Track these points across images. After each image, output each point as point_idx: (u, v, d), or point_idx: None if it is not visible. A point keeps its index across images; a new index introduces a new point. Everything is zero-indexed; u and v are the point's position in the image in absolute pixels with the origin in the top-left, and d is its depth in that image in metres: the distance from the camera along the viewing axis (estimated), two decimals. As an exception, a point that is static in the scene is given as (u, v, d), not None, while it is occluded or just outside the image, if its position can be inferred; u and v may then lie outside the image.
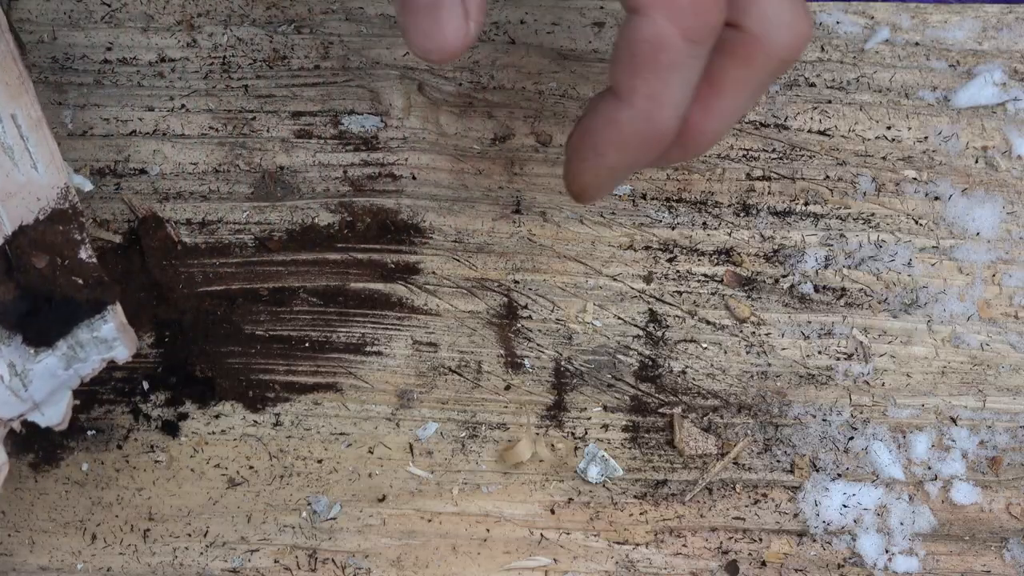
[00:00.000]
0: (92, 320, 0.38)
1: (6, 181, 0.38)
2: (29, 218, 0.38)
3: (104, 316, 0.39)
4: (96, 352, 0.39)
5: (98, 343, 0.39)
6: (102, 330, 0.39)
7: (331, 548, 0.46)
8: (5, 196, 0.37)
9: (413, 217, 0.49)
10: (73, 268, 0.38)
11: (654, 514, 0.47)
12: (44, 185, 0.38)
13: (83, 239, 0.38)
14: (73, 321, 0.38)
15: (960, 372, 0.48)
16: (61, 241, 0.38)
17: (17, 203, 0.38)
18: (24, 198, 0.38)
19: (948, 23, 0.51)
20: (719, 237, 0.49)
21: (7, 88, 0.38)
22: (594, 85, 0.50)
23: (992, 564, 0.47)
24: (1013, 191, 0.50)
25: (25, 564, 0.46)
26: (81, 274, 0.38)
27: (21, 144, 0.38)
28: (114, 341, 0.39)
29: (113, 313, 0.39)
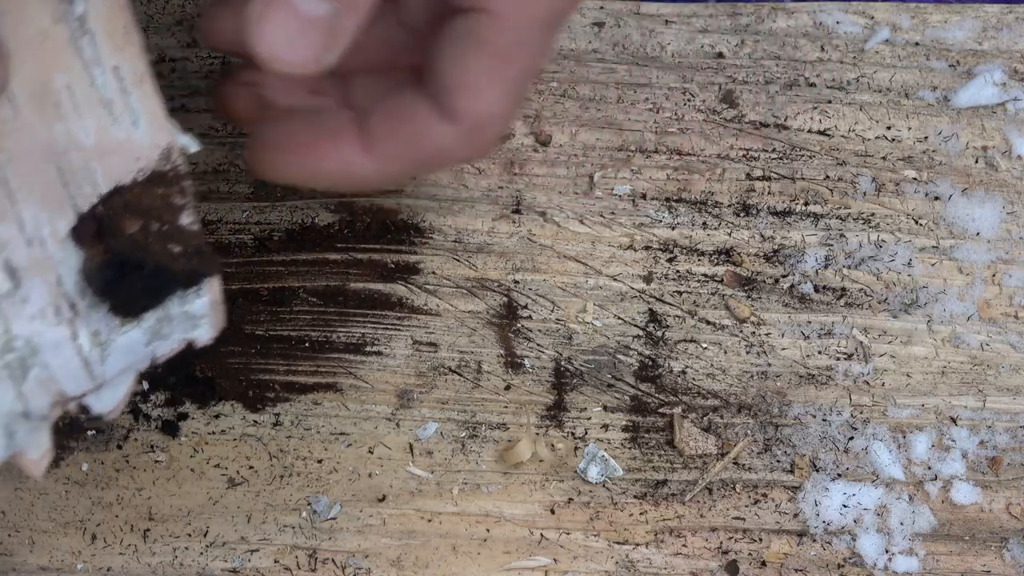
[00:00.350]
0: (186, 293, 0.36)
1: (103, 137, 0.34)
2: (126, 179, 0.35)
3: (199, 290, 0.36)
4: (181, 329, 0.37)
5: (186, 319, 0.37)
6: (195, 304, 0.36)
7: (331, 548, 0.46)
8: (101, 153, 0.34)
9: (413, 217, 0.49)
10: (171, 235, 0.35)
11: (654, 514, 0.47)
12: (145, 144, 0.35)
13: (185, 204, 0.35)
14: (165, 292, 0.35)
15: (960, 372, 0.48)
16: (159, 205, 0.35)
17: (114, 162, 0.35)
18: (122, 157, 0.35)
19: (948, 23, 0.51)
20: (719, 237, 0.49)
21: (111, 39, 0.34)
22: (594, 85, 0.50)
23: (992, 564, 0.47)
24: (1013, 191, 0.50)
25: (25, 564, 0.46)
26: (179, 241, 0.35)
27: (122, 99, 0.35)
28: (202, 319, 0.37)
29: (209, 287, 0.36)
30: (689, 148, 0.50)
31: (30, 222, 0.34)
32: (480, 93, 0.35)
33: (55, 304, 0.34)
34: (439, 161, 0.37)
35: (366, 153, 0.37)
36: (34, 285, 0.34)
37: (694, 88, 0.51)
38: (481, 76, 0.35)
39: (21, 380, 0.34)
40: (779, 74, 0.51)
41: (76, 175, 0.34)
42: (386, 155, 0.37)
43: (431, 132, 0.36)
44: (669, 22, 0.52)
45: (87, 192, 0.34)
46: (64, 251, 0.34)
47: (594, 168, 0.50)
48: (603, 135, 0.50)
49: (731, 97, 0.51)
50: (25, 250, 0.34)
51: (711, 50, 0.51)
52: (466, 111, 0.35)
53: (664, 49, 0.51)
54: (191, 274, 0.35)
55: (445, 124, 0.36)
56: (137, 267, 0.35)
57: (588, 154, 0.50)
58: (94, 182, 0.34)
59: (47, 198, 0.34)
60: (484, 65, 0.35)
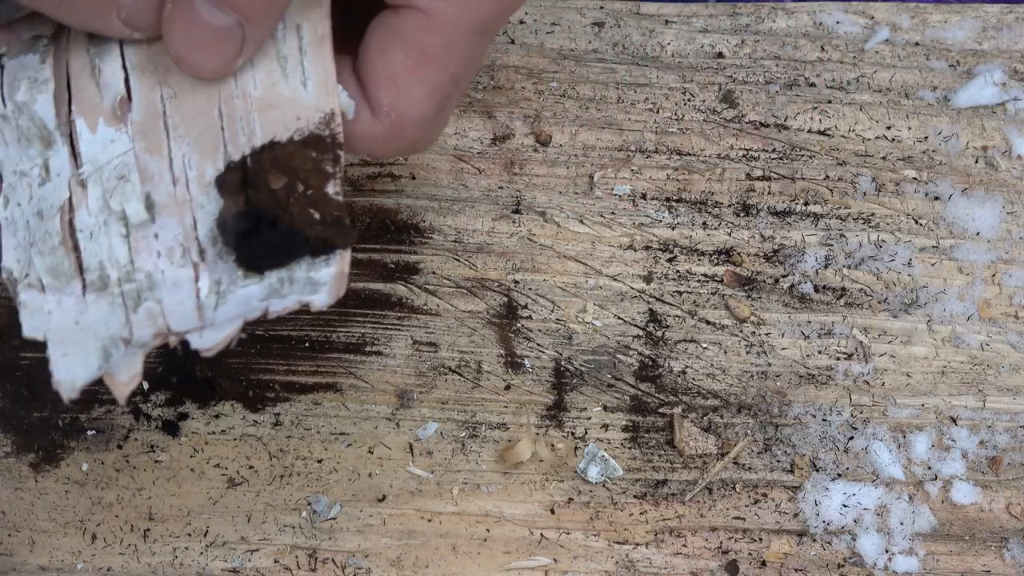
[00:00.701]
0: (315, 260, 0.35)
1: (270, 91, 0.35)
2: (283, 135, 0.34)
3: (328, 259, 0.35)
4: (300, 292, 0.36)
5: (308, 283, 0.35)
6: (320, 272, 0.35)
7: (331, 548, 0.46)
8: (264, 106, 0.34)
9: (413, 217, 0.49)
10: (314, 200, 0.34)
11: (654, 514, 0.47)
12: (308, 105, 0.35)
13: (335, 172, 0.35)
14: (294, 255, 0.35)
15: (960, 372, 0.48)
16: (309, 167, 0.34)
17: (275, 116, 0.35)
18: (284, 113, 0.35)
19: (948, 23, 0.51)
20: (719, 237, 0.49)
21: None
22: (594, 85, 0.50)
23: (992, 564, 0.47)
24: (1013, 191, 0.50)
25: (25, 564, 0.46)
26: (321, 208, 0.34)
27: (297, 57, 0.35)
28: (323, 286, 0.36)
29: (340, 259, 0.35)
30: (689, 148, 0.50)
31: (179, 160, 0.34)
32: (404, 90, 0.35)
33: (184, 246, 0.34)
34: (358, 149, 0.36)
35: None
36: (168, 223, 0.34)
37: (694, 88, 0.51)
38: (406, 73, 0.34)
39: (132, 310, 0.34)
40: (779, 74, 0.51)
41: (235, 123, 0.34)
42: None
43: (359, 122, 0.35)
44: (669, 22, 0.52)
45: (241, 141, 0.34)
46: (206, 196, 0.34)
47: (594, 168, 0.50)
48: (603, 135, 0.50)
49: (731, 97, 0.51)
50: (169, 187, 0.34)
51: (711, 50, 0.51)
52: (389, 106, 0.35)
53: (664, 49, 0.51)
54: (325, 242, 0.35)
55: (368, 114, 0.35)
56: (272, 224, 0.34)
57: (588, 154, 0.50)
58: (251, 133, 0.34)
59: (202, 140, 0.34)
60: (411, 62, 0.34)
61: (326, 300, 0.36)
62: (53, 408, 0.47)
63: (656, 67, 0.51)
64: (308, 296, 0.35)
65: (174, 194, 0.34)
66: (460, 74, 0.35)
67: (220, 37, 0.33)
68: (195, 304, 0.35)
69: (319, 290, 0.35)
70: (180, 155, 0.34)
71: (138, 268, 0.34)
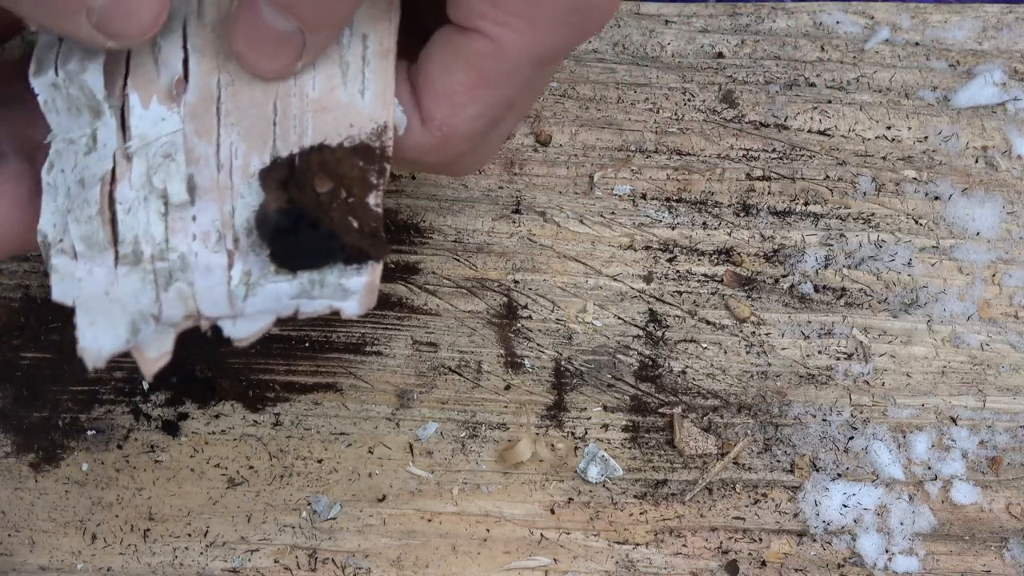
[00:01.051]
0: (347, 267, 0.35)
1: (327, 95, 0.35)
2: (334, 140, 0.35)
3: (360, 269, 0.35)
4: (331, 296, 0.36)
5: (339, 290, 0.36)
6: (351, 281, 0.35)
7: (331, 548, 0.46)
8: (320, 108, 0.35)
9: (413, 217, 0.49)
10: (355, 209, 0.35)
11: (654, 514, 0.47)
12: (363, 115, 0.35)
13: (378, 185, 0.35)
14: (328, 259, 0.35)
15: (960, 372, 0.48)
16: (355, 176, 0.35)
17: (328, 120, 0.35)
18: (338, 118, 0.35)
19: (948, 23, 0.51)
20: (719, 237, 0.49)
21: (371, 8, 0.35)
22: (594, 85, 0.50)
23: (992, 564, 0.47)
24: (1013, 191, 0.50)
25: (25, 564, 0.46)
26: (360, 218, 0.35)
27: (359, 65, 0.35)
28: (353, 295, 0.36)
29: (371, 271, 0.36)
30: (689, 148, 0.50)
31: (227, 148, 0.34)
32: (459, 108, 0.35)
33: (220, 232, 0.34)
34: (404, 157, 0.37)
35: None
36: (207, 207, 0.34)
37: (694, 88, 0.51)
38: (464, 92, 0.35)
39: (163, 288, 0.34)
40: (779, 74, 0.51)
41: (288, 120, 0.34)
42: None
43: (410, 133, 0.36)
44: (669, 22, 0.52)
45: (292, 140, 0.34)
46: (247, 187, 0.34)
47: (594, 168, 0.50)
48: (603, 135, 0.50)
49: (731, 97, 0.51)
50: (213, 173, 0.34)
51: (711, 50, 0.51)
52: (442, 120, 0.35)
53: (664, 49, 0.51)
54: (359, 252, 0.35)
55: (418, 124, 0.36)
56: (312, 226, 0.34)
57: (588, 154, 0.50)
58: (302, 132, 0.35)
59: (252, 132, 0.34)
60: (470, 83, 0.35)
61: (356, 309, 0.36)
62: (53, 408, 0.47)
63: (656, 67, 0.51)
64: (338, 303, 0.36)
65: (217, 180, 0.34)
66: (517, 100, 0.35)
67: (281, 42, 0.33)
68: (226, 291, 0.35)
69: (349, 298, 0.36)
70: (228, 142, 0.34)
71: (172, 248, 0.34)
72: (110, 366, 0.47)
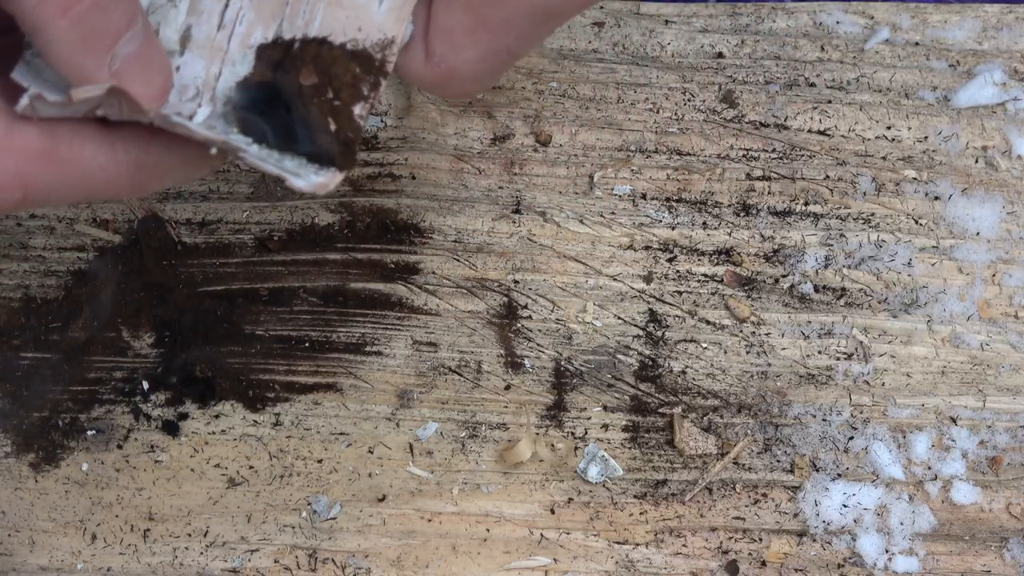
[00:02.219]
0: (307, 163, 0.34)
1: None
2: (338, 38, 0.34)
3: (320, 171, 0.34)
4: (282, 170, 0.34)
5: (292, 171, 0.34)
6: (307, 174, 0.34)
7: (331, 548, 0.46)
8: (334, 2, 0.34)
9: (413, 217, 0.49)
10: (338, 112, 0.34)
11: (654, 514, 0.47)
12: (374, 22, 0.34)
13: (368, 97, 0.34)
14: (292, 145, 0.34)
15: (960, 372, 0.48)
16: (347, 80, 0.34)
17: (339, 16, 0.34)
18: (348, 17, 0.34)
19: (948, 23, 0.51)
20: (719, 237, 0.49)
21: None
22: (594, 85, 0.50)
23: (992, 564, 0.47)
24: (1013, 191, 0.50)
25: (25, 564, 0.46)
26: (339, 122, 0.34)
27: None
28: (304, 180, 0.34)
29: (331, 176, 0.34)
30: (689, 148, 0.50)
31: (234, 11, 0.34)
32: (458, 48, 0.35)
33: (199, 89, 0.34)
34: (407, 79, 0.37)
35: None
36: (194, 62, 0.34)
37: (694, 88, 0.51)
38: (463, 33, 0.35)
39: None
40: (779, 74, 0.51)
41: (300, 5, 0.34)
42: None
43: (414, 57, 0.36)
44: (669, 22, 0.52)
45: (298, 24, 0.34)
46: (242, 56, 0.34)
47: (594, 168, 0.50)
48: (603, 135, 0.50)
49: (731, 97, 0.51)
50: (212, 31, 0.34)
51: (711, 50, 0.51)
52: (441, 57, 0.36)
53: (664, 49, 0.51)
54: (326, 155, 0.34)
55: (422, 55, 0.36)
56: (286, 109, 0.34)
57: (588, 154, 0.50)
58: (309, 20, 0.34)
59: (263, 5, 0.34)
60: (469, 25, 0.35)
61: (302, 186, 0.34)
62: (53, 408, 0.47)
63: (656, 67, 0.51)
64: (288, 176, 0.34)
65: (213, 39, 0.34)
66: (516, 47, 0.36)
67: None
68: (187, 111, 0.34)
69: (300, 179, 0.34)
70: (238, 7, 0.34)
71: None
72: (110, 366, 0.47)
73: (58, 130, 0.33)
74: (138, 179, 0.35)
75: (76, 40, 0.33)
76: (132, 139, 0.34)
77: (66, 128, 0.34)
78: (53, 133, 0.33)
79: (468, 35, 0.35)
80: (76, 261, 0.48)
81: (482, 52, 0.36)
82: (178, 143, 0.35)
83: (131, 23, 0.33)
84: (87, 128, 0.34)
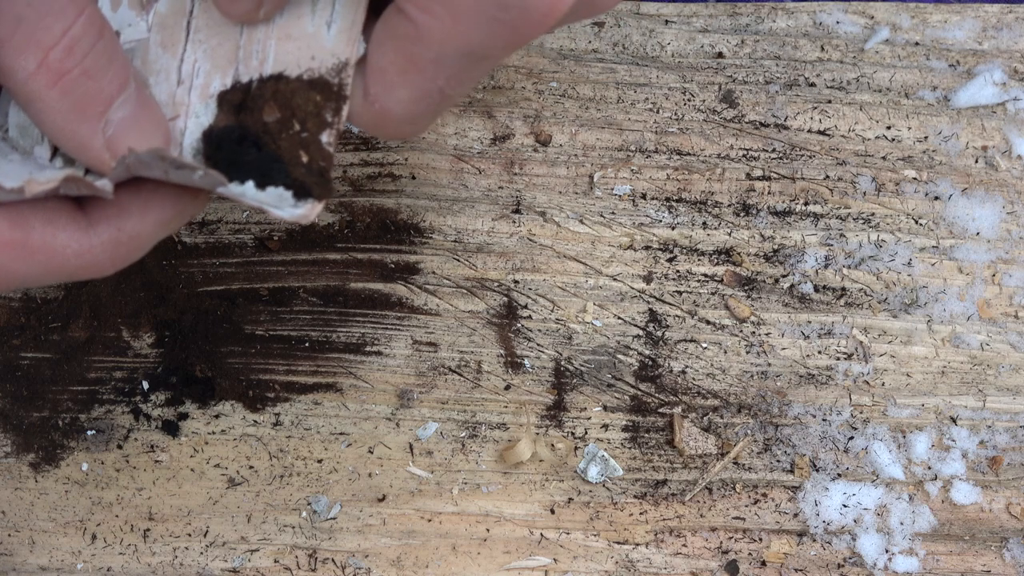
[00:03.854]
0: (285, 191, 0.34)
1: (293, 24, 0.34)
2: (293, 71, 0.34)
3: (299, 204, 0.34)
4: (262, 203, 0.35)
5: (273, 204, 0.35)
6: (287, 209, 0.34)
7: (331, 548, 0.46)
8: (283, 36, 0.34)
9: (413, 217, 0.49)
10: (307, 143, 0.34)
11: (654, 514, 0.47)
12: (326, 49, 0.34)
13: (333, 122, 0.34)
14: (269, 181, 0.34)
15: (960, 372, 0.48)
16: (309, 110, 0.34)
17: (290, 49, 0.34)
18: (300, 48, 0.34)
19: (948, 23, 0.51)
20: (719, 237, 0.49)
21: None
22: (594, 85, 0.50)
23: (992, 564, 0.47)
24: (1013, 191, 0.50)
25: (25, 564, 0.46)
26: (310, 153, 0.34)
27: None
28: (285, 211, 0.35)
29: (310, 207, 0.34)
30: (689, 148, 0.50)
31: (189, 65, 0.34)
32: (390, 87, 0.35)
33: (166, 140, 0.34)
34: (351, 121, 0.37)
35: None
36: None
37: (694, 88, 0.51)
38: (394, 73, 0.34)
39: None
40: (779, 74, 0.51)
41: (252, 44, 0.34)
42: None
43: (353, 94, 0.36)
44: (669, 22, 0.52)
45: (253, 65, 0.34)
46: (204, 107, 0.34)
47: (594, 168, 0.50)
48: (603, 135, 0.50)
49: (731, 97, 0.51)
50: (171, 88, 0.34)
51: (711, 50, 0.51)
52: (375, 96, 0.35)
53: (664, 49, 0.51)
54: (303, 187, 0.34)
55: (360, 94, 0.36)
56: (256, 147, 0.34)
57: (588, 154, 0.50)
58: (263, 59, 0.34)
59: (218, 51, 0.34)
60: (399, 65, 0.34)
61: (284, 217, 0.35)
62: (53, 408, 0.47)
63: (656, 67, 0.51)
64: (268, 207, 0.35)
65: (174, 95, 0.34)
66: (448, 88, 0.35)
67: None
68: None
69: (280, 209, 0.35)
70: (192, 60, 0.34)
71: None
72: (110, 366, 0.47)
73: (29, 219, 0.33)
74: (117, 255, 0.35)
75: (68, 109, 0.33)
76: (105, 219, 0.34)
77: (37, 217, 0.33)
78: (24, 223, 0.33)
79: (400, 75, 0.34)
80: (76, 261, 0.48)
81: (414, 93, 0.35)
82: (152, 207, 0.35)
83: (123, 87, 0.33)
84: (60, 216, 0.34)
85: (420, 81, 0.34)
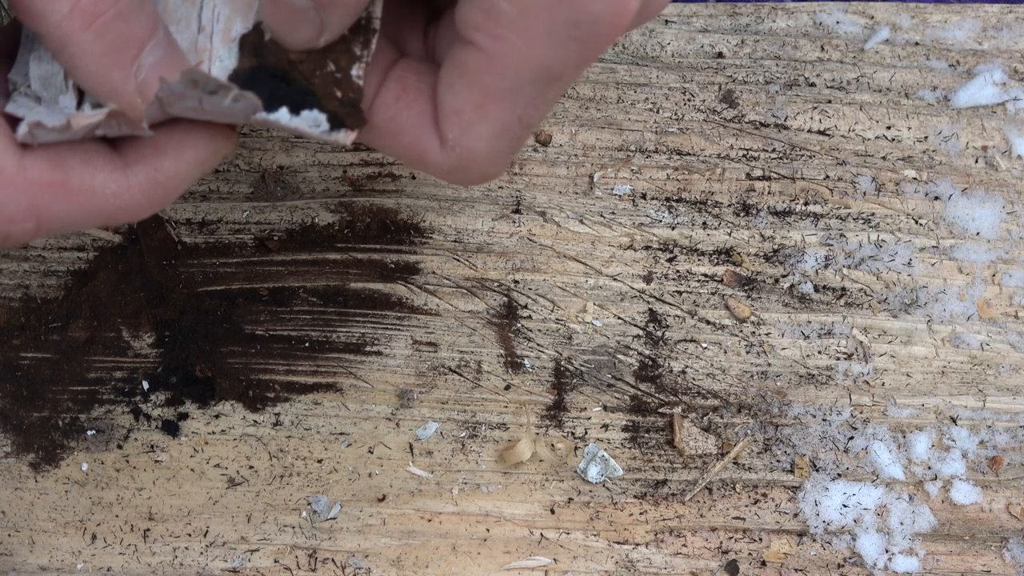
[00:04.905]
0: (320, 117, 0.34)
1: None
2: None
3: (333, 132, 0.35)
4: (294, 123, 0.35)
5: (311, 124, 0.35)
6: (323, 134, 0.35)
7: (331, 548, 0.46)
8: None
9: (413, 217, 0.49)
10: (339, 81, 0.34)
11: (654, 514, 0.47)
12: None
13: (362, 56, 0.34)
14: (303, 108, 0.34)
15: (960, 372, 0.48)
16: (339, 47, 0.34)
17: None
18: None
19: (948, 23, 0.51)
20: (719, 237, 0.49)
21: None
22: (594, 85, 0.50)
23: (992, 564, 0.47)
24: (1013, 191, 0.50)
25: (25, 564, 0.46)
26: (343, 88, 0.34)
27: None
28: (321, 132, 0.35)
29: (344, 135, 0.35)
30: (689, 148, 0.50)
31: (209, 11, 0.34)
32: (469, 127, 0.34)
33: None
34: (431, 174, 0.36)
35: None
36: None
37: (694, 88, 0.51)
38: (470, 110, 0.34)
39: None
40: (779, 74, 0.51)
41: None
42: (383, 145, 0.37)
43: (428, 147, 0.35)
44: (669, 22, 0.52)
45: None
46: (227, 51, 0.34)
47: (594, 168, 0.50)
48: (603, 135, 0.50)
49: (731, 97, 0.51)
50: (193, 35, 0.34)
51: (711, 50, 0.51)
52: (455, 140, 0.35)
53: (664, 49, 0.51)
54: (337, 119, 0.35)
55: (437, 144, 0.35)
56: (284, 81, 0.34)
57: (588, 154, 0.50)
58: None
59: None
60: (474, 100, 0.34)
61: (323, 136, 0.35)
62: (53, 408, 0.47)
63: (656, 67, 0.51)
64: (305, 128, 0.35)
65: (196, 42, 0.34)
66: (527, 116, 0.35)
67: (303, 16, 0.33)
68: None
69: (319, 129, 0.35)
70: (212, 6, 0.34)
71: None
72: (110, 366, 0.47)
73: (68, 161, 0.33)
74: (154, 196, 0.35)
75: (102, 52, 0.33)
76: (141, 159, 0.34)
77: (76, 159, 0.34)
78: (63, 164, 0.33)
79: (476, 110, 0.34)
80: (76, 261, 0.48)
81: (494, 127, 0.34)
82: (187, 146, 0.35)
83: (154, 31, 0.33)
84: (97, 157, 0.34)
85: (498, 113, 0.34)
